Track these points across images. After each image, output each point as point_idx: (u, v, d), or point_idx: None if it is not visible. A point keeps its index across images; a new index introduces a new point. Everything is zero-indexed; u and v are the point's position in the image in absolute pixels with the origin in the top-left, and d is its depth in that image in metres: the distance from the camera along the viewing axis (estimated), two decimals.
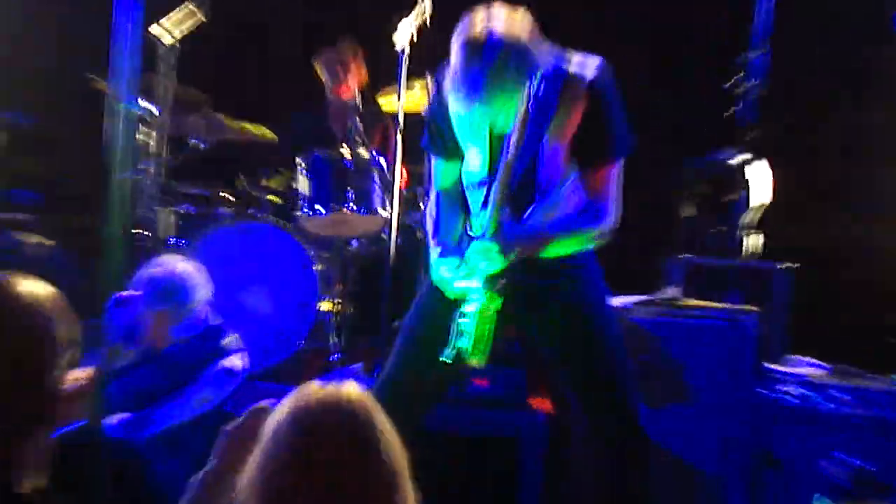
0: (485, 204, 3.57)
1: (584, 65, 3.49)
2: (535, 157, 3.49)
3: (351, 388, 2.12)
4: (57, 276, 5.88)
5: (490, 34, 3.33)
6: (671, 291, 5.68)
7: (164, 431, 4.15)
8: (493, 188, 3.43)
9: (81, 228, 6.87)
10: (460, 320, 3.45)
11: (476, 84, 3.31)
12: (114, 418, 4.08)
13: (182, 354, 4.34)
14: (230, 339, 4.47)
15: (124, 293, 4.52)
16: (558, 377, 3.84)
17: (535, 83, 3.36)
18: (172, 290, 4.35)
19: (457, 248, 3.61)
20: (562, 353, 3.70)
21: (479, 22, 3.38)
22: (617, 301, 5.31)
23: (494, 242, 3.41)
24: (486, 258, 3.42)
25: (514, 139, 3.36)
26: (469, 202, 3.72)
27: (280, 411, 2.09)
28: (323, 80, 6.77)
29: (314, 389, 2.10)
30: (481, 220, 3.53)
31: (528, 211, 3.54)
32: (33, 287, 2.34)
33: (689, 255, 6.11)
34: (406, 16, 5.17)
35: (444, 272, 3.56)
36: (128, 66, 3.24)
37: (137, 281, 4.39)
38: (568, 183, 3.53)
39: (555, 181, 3.53)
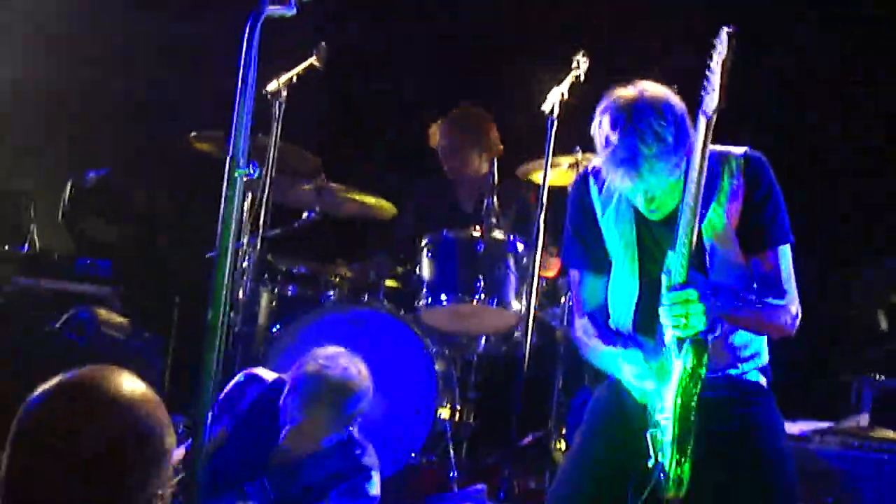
0: (636, 314, 3.66)
1: (732, 147, 3.64)
2: (700, 249, 3.55)
3: None
4: (138, 365, 6.04)
5: (644, 97, 3.47)
6: (859, 419, 5.58)
7: None
8: (678, 238, 3.42)
9: (158, 307, 7.02)
10: (654, 430, 3.48)
11: (633, 146, 3.41)
12: None
13: (321, 465, 4.30)
14: (371, 457, 4.42)
15: (265, 374, 4.55)
16: None
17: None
18: (341, 393, 4.27)
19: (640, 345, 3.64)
20: (727, 487, 3.61)
21: (627, 89, 3.52)
22: (793, 428, 5.23)
23: (692, 289, 3.38)
24: (686, 309, 3.37)
25: (687, 210, 3.39)
26: (618, 316, 3.76)
27: None
28: (440, 151, 6.84)
29: None
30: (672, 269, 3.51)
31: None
32: (139, 387, 2.37)
33: (882, 377, 6.02)
34: (557, 84, 5.28)
35: (637, 368, 3.58)
36: (246, 128, 3.29)
37: (297, 374, 4.32)
38: (740, 280, 3.60)
39: (724, 275, 3.58)
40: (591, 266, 3.82)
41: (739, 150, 3.64)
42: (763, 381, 3.70)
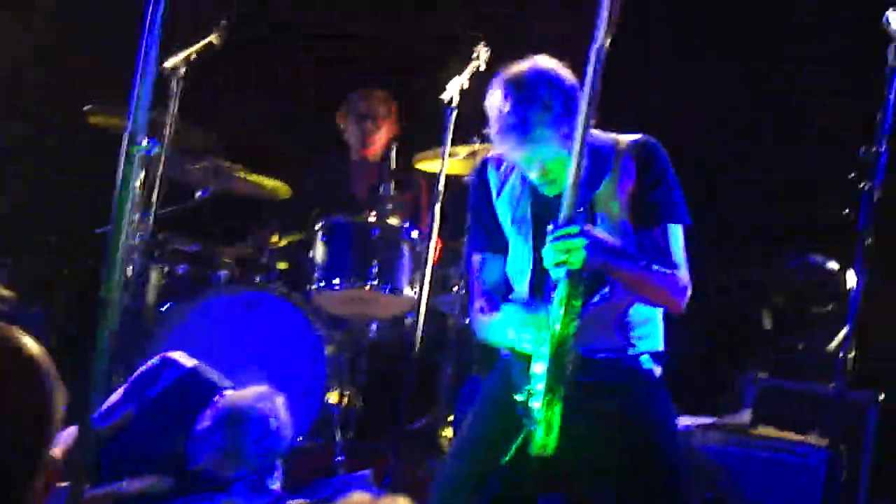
0: (531, 292, 3.66)
1: (631, 134, 3.70)
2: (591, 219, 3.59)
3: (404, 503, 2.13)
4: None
5: (534, 68, 3.56)
6: (741, 416, 5.65)
7: None
8: (564, 195, 3.42)
9: (47, 282, 6.91)
10: (530, 385, 3.43)
11: (520, 115, 3.48)
12: None
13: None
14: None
15: (182, 359, 4.54)
16: None
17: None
18: (264, 454, 4.34)
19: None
20: (616, 479, 3.65)
21: (521, 63, 3.59)
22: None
23: (574, 225, 3.39)
24: (567, 245, 3.37)
25: (575, 146, 3.39)
26: (517, 291, 3.77)
27: None
28: (347, 136, 6.84)
29: (363, 503, 2.11)
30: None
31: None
32: (31, 343, 2.33)
33: (765, 375, 6.11)
34: (458, 74, 5.30)
35: (516, 317, 3.56)
36: (145, 103, 3.27)
37: (218, 429, 4.33)
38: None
39: None
40: (489, 248, 3.84)
41: (635, 135, 3.70)
42: (657, 370, 3.71)
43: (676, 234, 3.65)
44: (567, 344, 3.38)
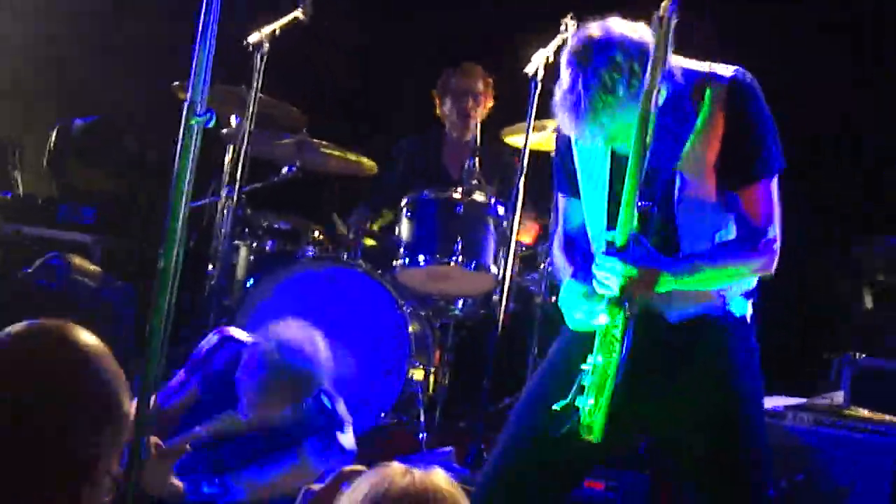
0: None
1: (720, 67, 3.38)
2: (670, 189, 3.36)
3: (438, 477, 2.11)
4: (108, 313, 5.99)
5: (602, 38, 3.24)
6: (835, 397, 5.52)
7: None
8: (623, 196, 3.23)
9: (141, 256, 6.99)
10: (583, 372, 3.29)
11: (580, 97, 3.21)
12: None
13: (293, 422, 4.31)
14: (342, 409, 4.42)
15: (239, 334, 4.54)
16: (681, 478, 3.66)
17: (659, 87, 3.18)
18: (298, 383, 4.27)
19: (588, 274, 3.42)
20: (690, 439, 3.47)
21: (591, 29, 3.29)
22: (767, 403, 5.16)
23: (618, 259, 3.21)
24: (605, 275, 3.24)
25: (634, 151, 3.20)
26: (594, 243, 3.56)
27: (355, 492, 2.09)
28: (443, 112, 6.77)
29: (396, 473, 2.08)
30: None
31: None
32: (86, 339, 2.27)
33: (862, 356, 5.95)
34: (543, 47, 5.20)
35: (570, 296, 3.41)
36: (206, 73, 3.23)
37: (254, 357, 4.29)
38: (715, 215, 3.38)
39: (697, 216, 3.38)
40: (572, 192, 3.64)
41: (727, 71, 3.38)
42: (748, 309, 3.49)
43: (768, 189, 3.37)
44: (610, 367, 3.23)
